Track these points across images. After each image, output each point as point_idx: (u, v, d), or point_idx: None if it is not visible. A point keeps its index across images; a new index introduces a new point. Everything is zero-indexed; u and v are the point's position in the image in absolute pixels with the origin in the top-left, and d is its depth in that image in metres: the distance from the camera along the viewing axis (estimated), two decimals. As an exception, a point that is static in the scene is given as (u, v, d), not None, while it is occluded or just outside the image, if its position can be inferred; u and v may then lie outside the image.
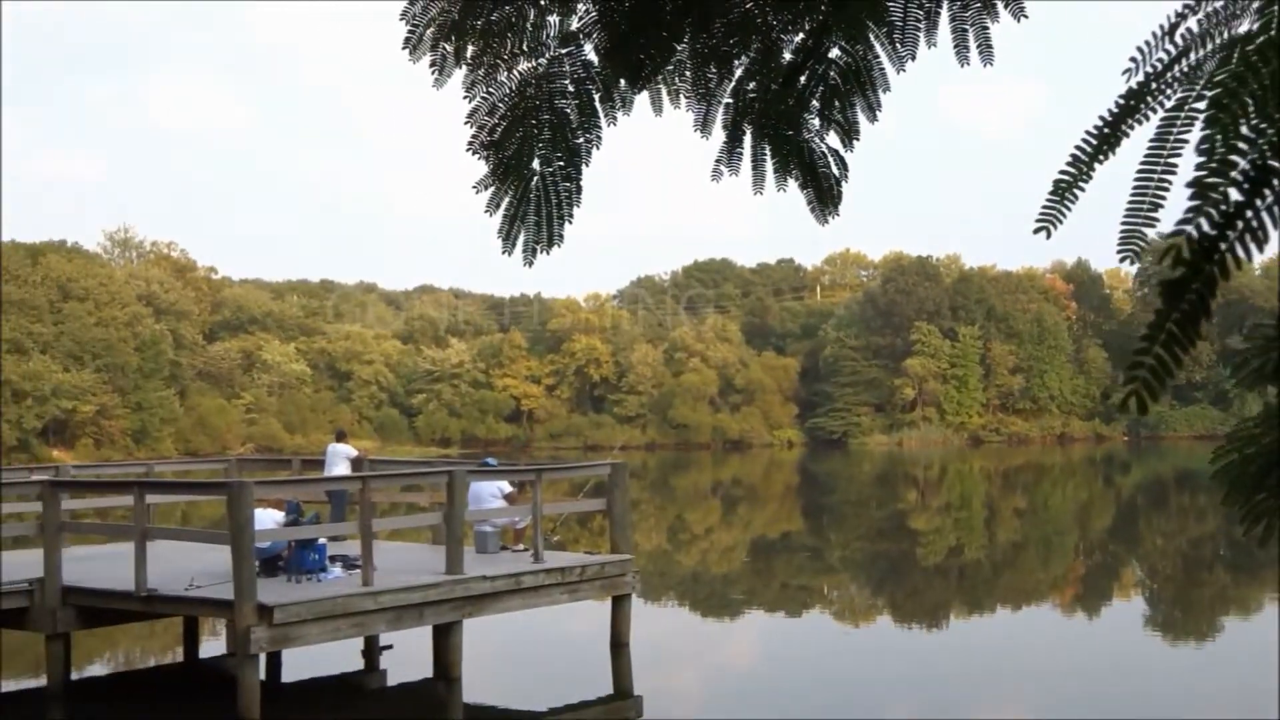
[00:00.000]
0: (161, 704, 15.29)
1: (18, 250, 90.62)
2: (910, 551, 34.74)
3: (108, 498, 19.48)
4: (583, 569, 16.70)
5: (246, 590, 13.14)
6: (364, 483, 15.18)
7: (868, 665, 17.97)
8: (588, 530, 33.39)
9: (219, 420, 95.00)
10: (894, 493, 59.87)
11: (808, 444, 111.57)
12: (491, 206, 5.13)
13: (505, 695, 15.91)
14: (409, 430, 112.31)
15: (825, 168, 5.01)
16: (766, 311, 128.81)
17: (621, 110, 5.13)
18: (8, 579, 14.95)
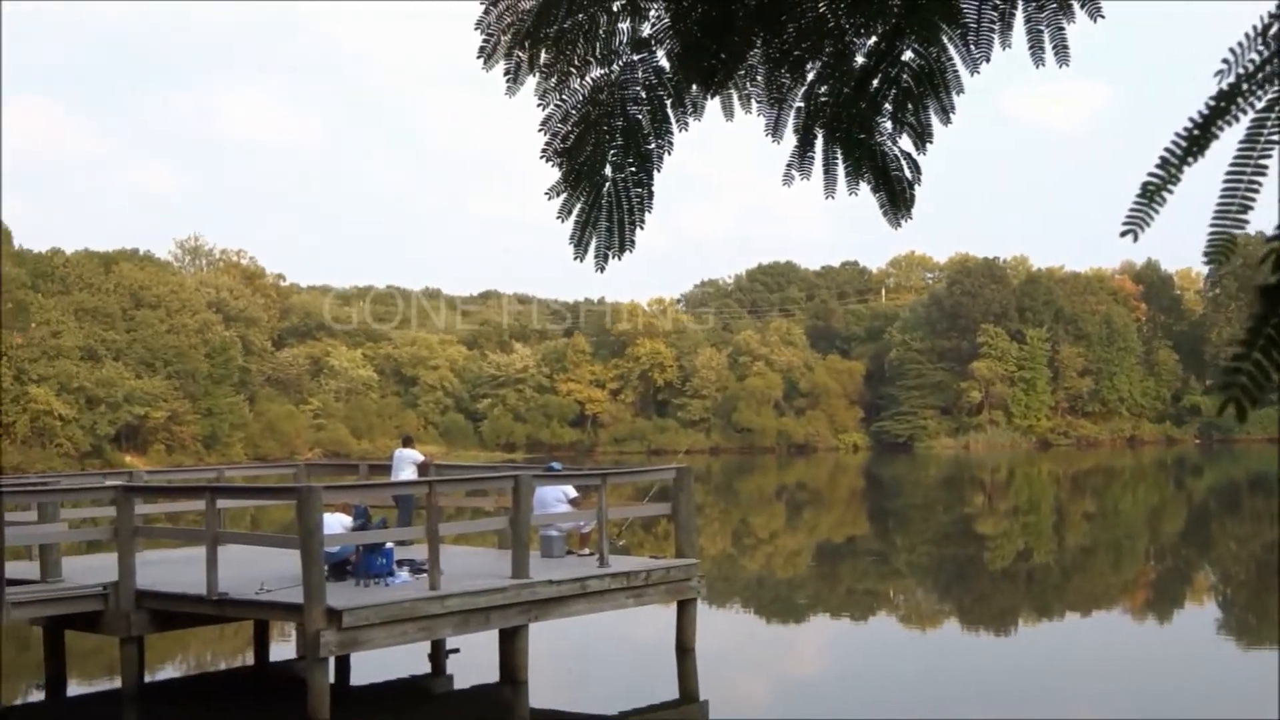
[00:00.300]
0: (232, 706, 15.46)
1: (91, 259, 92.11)
2: (977, 556, 34.42)
3: (179, 503, 19.75)
4: (648, 573, 16.69)
5: (316, 594, 13.25)
6: (430, 487, 15.26)
7: (934, 671, 17.81)
8: (652, 535, 33.37)
9: (287, 426, 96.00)
10: (961, 496, 59.34)
11: (873, 448, 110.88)
12: (563, 213, 5.14)
13: (571, 699, 15.93)
14: (474, 435, 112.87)
15: (898, 171, 4.97)
16: (831, 314, 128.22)
17: (693, 116, 5.12)
18: (83, 583, 15.19)
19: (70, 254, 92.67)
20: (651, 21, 5.04)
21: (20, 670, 19.17)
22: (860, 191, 4.98)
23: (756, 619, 23.88)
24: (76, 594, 14.95)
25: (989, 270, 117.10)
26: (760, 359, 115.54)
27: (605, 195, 5.09)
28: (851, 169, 4.95)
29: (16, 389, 76.75)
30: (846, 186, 4.98)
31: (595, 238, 5.13)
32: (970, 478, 72.93)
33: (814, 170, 5.03)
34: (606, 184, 5.08)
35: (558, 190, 5.12)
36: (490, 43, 5.13)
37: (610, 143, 5.03)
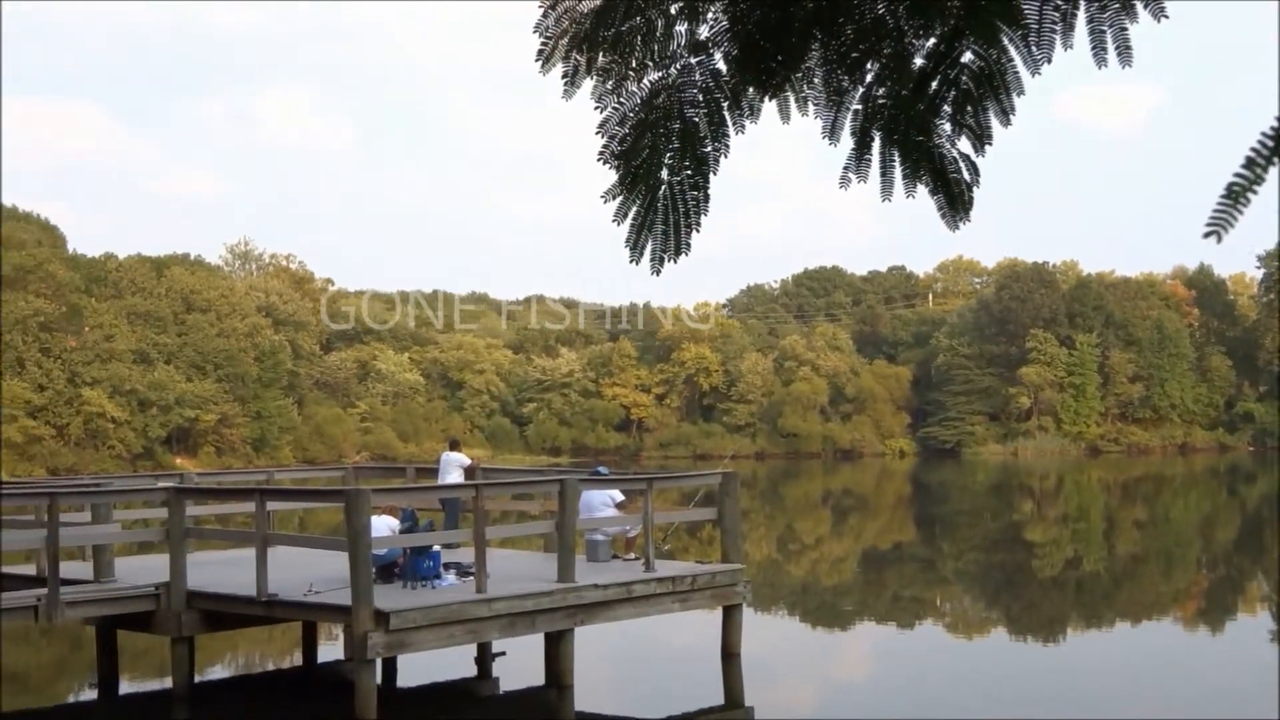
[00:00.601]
0: (281, 707, 15.59)
1: (144, 263, 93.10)
2: (1025, 563, 34.15)
3: (229, 504, 19.95)
4: (694, 578, 16.68)
5: (364, 596, 13.34)
6: (477, 490, 15.32)
7: (981, 679, 17.70)
8: (697, 540, 33.35)
9: (335, 429, 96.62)
10: (1009, 503, 58.93)
11: (920, 453, 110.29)
12: (619, 216, 5.15)
13: (617, 704, 15.95)
14: (520, 439, 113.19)
15: (956, 173, 4.95)
16: (878, 319, 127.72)
17: (749, 119, 5.13)
18: (135, 583, 15.36)
19: (123, 259, 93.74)
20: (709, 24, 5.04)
21: (73, 669, 19.43)
22: (917, 194, 4.96)
23: (802, 625, 23.82)
24: (129, 594, 15.12)
25: (1038, 275, 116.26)
26: (806, 364, 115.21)
27: (661, 198, 5.10)
28: (909, 171, 4.93)
29: (70, 391, 77.69)
30: (904, 189, 4.96)
31: (651, 241, 5.14)
32: (1019, 484, 72.39)
33: (871, 173, 5.02)
34: (662, 187, 5.08)
35: (613, 193, 5.13)
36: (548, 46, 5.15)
37: (667, 145, 5.03)
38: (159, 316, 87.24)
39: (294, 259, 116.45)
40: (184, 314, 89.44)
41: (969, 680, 17.59)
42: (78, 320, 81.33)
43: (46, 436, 75.77)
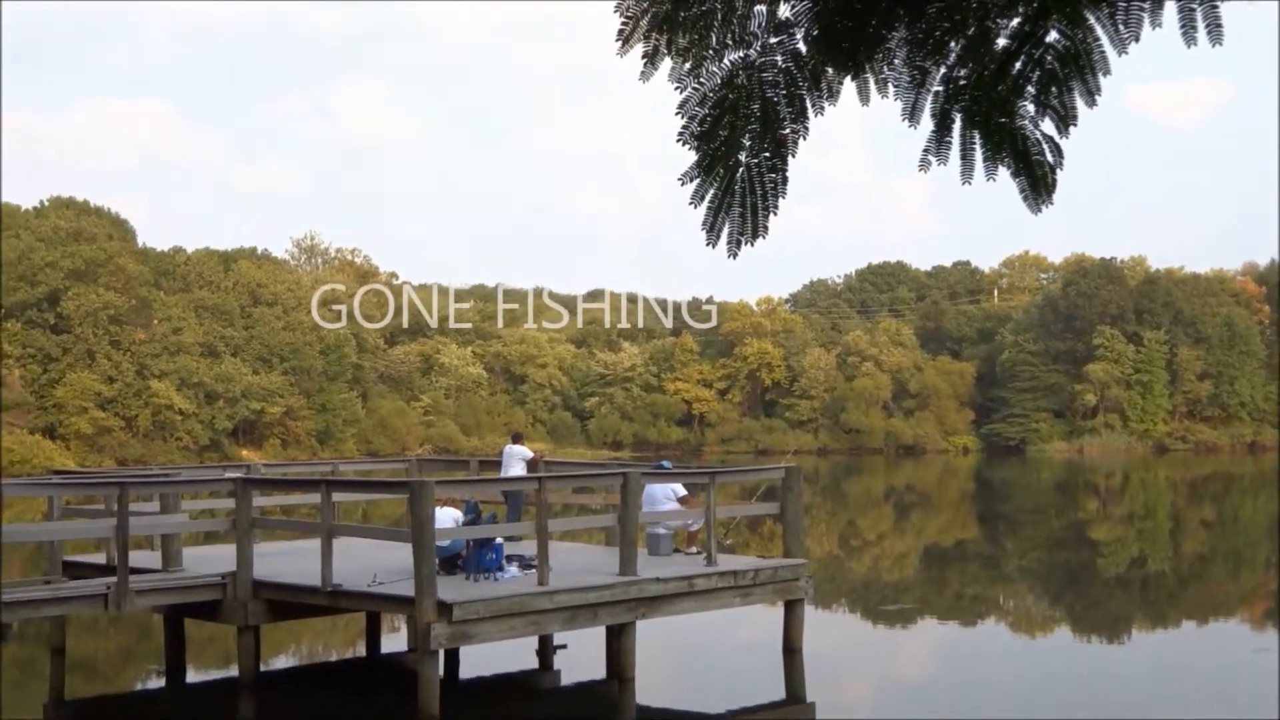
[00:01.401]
0: (345, 697, 15.72)
1: (211, 257, 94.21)
2: (1090, 562, 33.77)
3: (294, 496, 20.15)
4: (755, 573, 16.64)
5: (427, 587, 13.43)
6: (540, 483, 15.37)
7: (1044, 678, 17.52)
8: (758, 535, 33.28)
9: (398, 422, 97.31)
10: (1074, 501, 58.31)
11: (984, 450, 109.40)
12: (696, 199, 5.13)
13: (678, 697, 15.95)
14: (581, 433, 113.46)
15: (1039, 155, 4.88)
16: (942, 315, 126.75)
17: (828, 100, 5.09)
18: (202, 572, 15.56)
19: (191, 252, 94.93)
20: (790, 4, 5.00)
21: (141, 657, 19.71)
22: (999, 177, 4.90)
23: (863, 621, 23.70)
24: (196, 583, 15.30)
25: (1106, 271, 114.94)
26: (869, 359, 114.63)
27: (739, 181, 5.07)
28: (990, 154, 4.87)
29: (139, 383, 78.81)
30: (984, 171, 4.90)
31: (728, 224, 5.12)
32: (1084, 482, 71.61)
33: (951, 155, 4.96)
34: (740, 169, 5.06)
35: (691, 175, 5.11)
36: (628, 26, 5.13)
37: (746, 127, 5.00)
38: (226, 310, 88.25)
39: (359, 253, 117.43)
40: (250, 307, 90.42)
41: (1031, 679, 17.43)
42: (147, 313, 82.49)
43: (116, 428, 76.94)
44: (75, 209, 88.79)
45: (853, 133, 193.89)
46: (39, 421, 74.72)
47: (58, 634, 17.20)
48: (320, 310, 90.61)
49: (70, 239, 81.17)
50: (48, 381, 77.08)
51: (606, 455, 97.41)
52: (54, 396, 75.92)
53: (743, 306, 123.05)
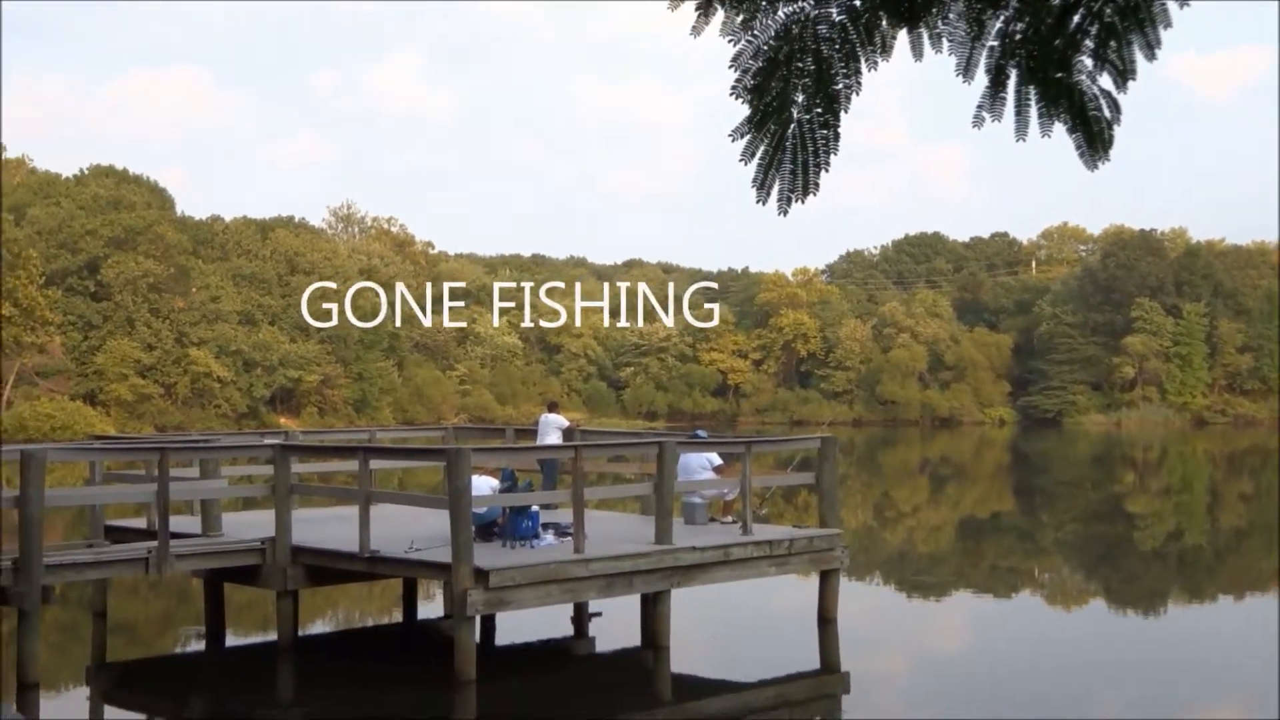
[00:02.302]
0: (382, 662, 15.86)
1: (249, 226, 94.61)
2: (1127, 535, 33.63)
3: (331, 463, 20.28)
4: (791, 542, 16.65)
5: (464, 554, 13.50)
6: (576, 452, 15.41)
7: (1079, 651, 17.47)
8: (792, 506, 33.28)
9: (434, 391, 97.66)
10: (1110, 474, 58.01)
11: (1020, 422, 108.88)
12: (746, 155, 5.10)
13: (712, 666, 16.02)
14: (616, 403, 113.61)
15: (1096, 111, 4.81)
16: (979, 286, 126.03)
17: (882, 56, 5.04)
18: (241, 538, 15.71)
19: (229, 221, 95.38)
20: None
21: (181, 621, 19.93)
22: (1054, 133, 4.84)
23: (897, 593, 23.69)
24: (236, 548, 15.45)
25: (1145, 242, 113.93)
26: (905, 331, 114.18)
27: (790, 137, 5.03)
28: (1045, 109, 4.81)
29: (178, 351, 79.38)
30: (1039, 128, 4.84)
31: (778, 181, 5.08)
32: (1121, 455, 71.21)
33: (1005, 112, 4.91)
34: (792, 125, 5.02)
35: (741, 132, 5.08)
36: None
37: (798, 82, 4.96)
38: (264, 278, 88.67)
39: (395, 222, 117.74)
40: (288, 276, 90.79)
41: (1066, 652, 17.39)
42: (185, 281, 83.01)
43: (155, 395, 77.56)
44: (115, 177, 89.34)
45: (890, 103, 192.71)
46: (80, 388, 75.43)
47: (99, 597, 17.42)
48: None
49: (110, 207, 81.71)
50: (88, 348, 77.75)
51: (642, 425, 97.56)
52: (94, 363, 76.59)
53: (778, 277, 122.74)
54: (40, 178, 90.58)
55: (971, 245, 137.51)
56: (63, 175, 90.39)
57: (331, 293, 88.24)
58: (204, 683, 15.75)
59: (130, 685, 15.48)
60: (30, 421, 64.74)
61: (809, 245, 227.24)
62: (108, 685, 15.35)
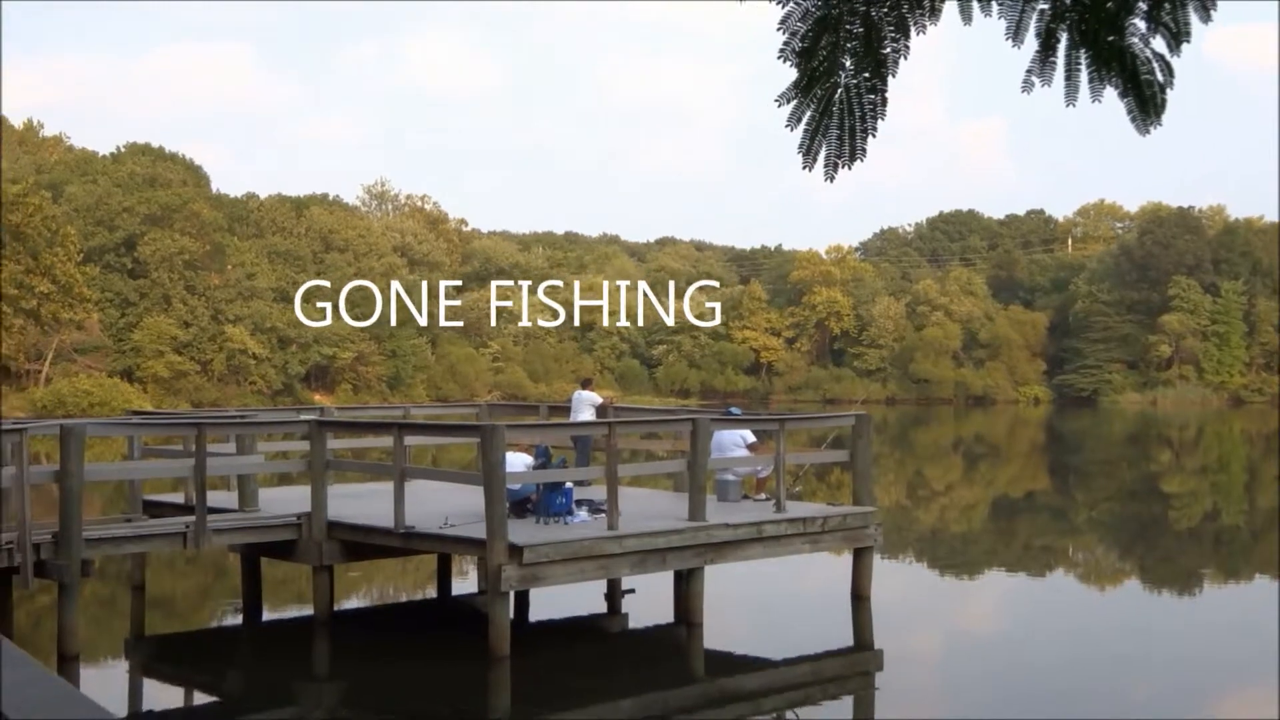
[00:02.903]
0: (418, 636, 15.95)
1: (284, 203, 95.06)
2: (1162, 515, 33.43)
3: (365, 439, 20.36)
4: (825, 520, 16.62)
5: (498, 529, 13.55)
6: (610, 429, 15.43)
7: (1113, 631, 17.41)
8: (825, 484, 33.24)
9: (468, 368, 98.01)
10: (1146, 453, 57.67)
11: (1055, 401, 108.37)
12: (792, 120, 5.07)
13: (745, 642, 16.03)
14: (649, 380, 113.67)
15: (1149, 74, 4.75)
16: (1014, 264, 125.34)
17: (930, 19, 4.99)
18: (276, 513, 15.81)
19: (264, 198, 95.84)
20: None
21: (218, 595, 20.11)
22: (1104, 97, 4.78)
23: (930, 571, 23.64)
24: (272, 523, 15.55)
25: (1183, 220, 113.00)
26: (939, 309, 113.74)
27: (837, 101, 4.99)
28: (1096, 73, 4.74)
29: (214, 328, 79.92)
30: (1090, 92, 4.78)
31: (825, 146, 5.05)
32: (1157, 434, 70.76)
33: (1055, 76, 4.85)
34: (839, 90, 4.98)
35: (788, 97, 5.04)
36: None
37: (846, 46, 4.92)
38: (298, 255, 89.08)
39: (429, 199, 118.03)
40: (322, 253, 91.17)
41: (1099, 631, 17.32)
42: (221, 259, 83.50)
43: (191, 371, 78.14)
44: (151, 155, 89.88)
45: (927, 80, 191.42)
46: (117, 365, 76.07)
47: (138, 571, 17.59)
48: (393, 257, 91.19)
49: (146, 184, 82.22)
50: (125, 325, 78.38)
51: (674, 403, 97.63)
52: (131, 340, 77.22)
53: (812, 255, 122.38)
54: (78, 155, 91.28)
55: (1007, 222, 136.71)
56: (100, 153, 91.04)
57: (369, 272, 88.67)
58: (241, 656, 15.89)
59: (168, 658, 15.63)
60: (68, 397, 65.37)
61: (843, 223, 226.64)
62: (146, 658, 15.51)
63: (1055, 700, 13.29)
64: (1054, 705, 13.09)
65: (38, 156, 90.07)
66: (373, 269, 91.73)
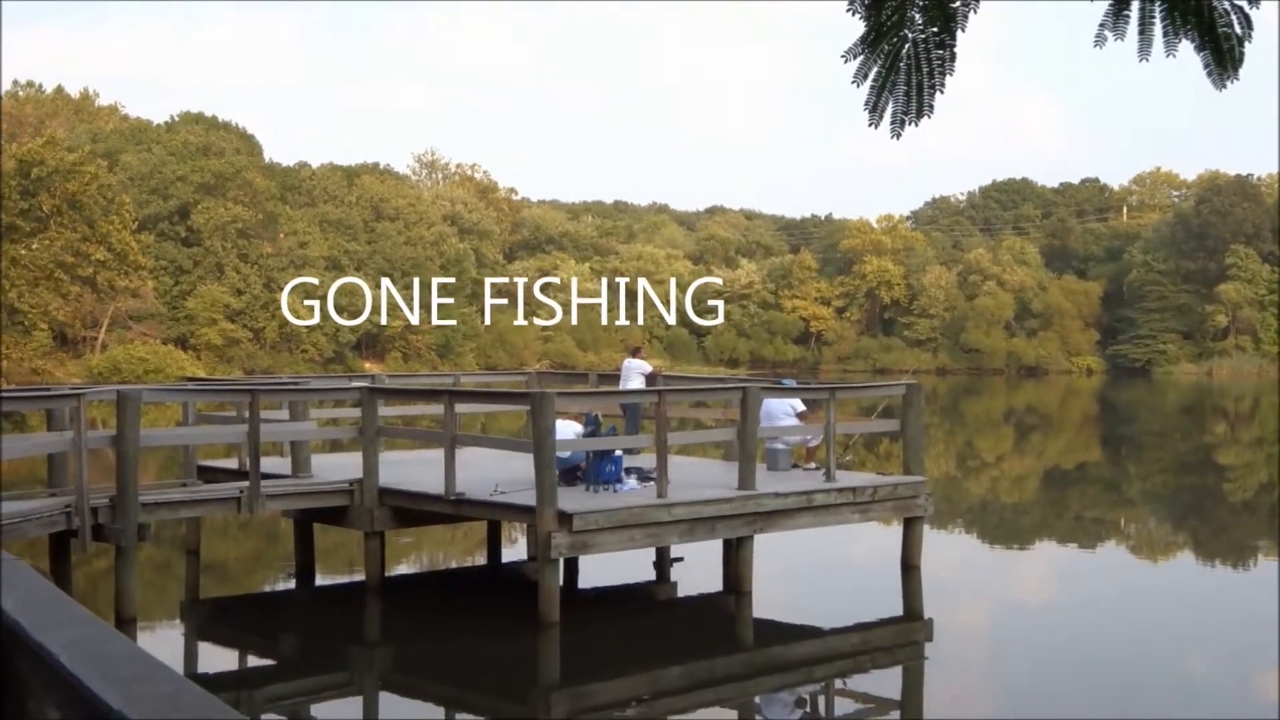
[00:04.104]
0: (469, 602, 16.06)
1: (335, 172, 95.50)
2: (1216, 487, 33.10)
3: (415, 406, 20.45)
4: (875, 489, 16.56)
5: (548, 497, 13.60)
6: (660, 397, 15.43)
7: (1165, 604, 17.28)
8: (874, 455, 33.12)
9: (516, 337, 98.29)
10: (1201, 424, 57.06)
11: (1108, 372, 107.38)
12: (859, 76, 5.02)
13: (795, 611, 16.03)
14: (698, 350, 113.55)
15: (1226, 26, 4.66)
16: (1068, 233, 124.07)
17: None
18: (329, 479, 15.95)
19: (316, 167, 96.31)
20: None
21: (271, 560, 20.34)
22: (1179, 52, 4.69)
23: (980, 542, 23.54)
24: (325, 489, 15.68)
25: (1241, 188, 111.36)
26: (991, 278, 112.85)
27: (904, 57, 4.93)
28: (1171, 26, 4.65)
29: (266, 296, 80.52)
30: (1164, 47, 4.70)
31: (892, 102, 4.99)
32: (1212, 405, 69.98)
33: (1129, 31, 4.76)
34: (906, 45, 4.92)
35: (855, 52, 4.98)
36: None
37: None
38: (349, 224, 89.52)
39: (479, 169, 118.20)
40: (373, 222, 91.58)
41: (1151, 604, 17.21)
42: (273, 227, 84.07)
43: (244, 339, 78.84)
44: (204, 124, 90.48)
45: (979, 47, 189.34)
46: (171, 332, 76.86)
47: (192, 536, 17.80)
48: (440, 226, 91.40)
49: (200, 153, 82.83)
50: (179, 293, 79.13)
51: (723, 372, 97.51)
52: (185, 308, 77.96)
53: (862, 224, 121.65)
54: (132, 124, 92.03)
55: (1061, 191, 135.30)
56: (154, 122, 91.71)
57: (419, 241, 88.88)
58: (293, 620, 16.06)
59: (222, 621, 15.83)
60: (124, 364, 66.17)
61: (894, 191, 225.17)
62: (201, 621, 15.71)
63: (1105, 672, 13.21)
64: (1104, 677, 13.01)
65: (93, 125, 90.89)
66: (423, 238, 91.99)
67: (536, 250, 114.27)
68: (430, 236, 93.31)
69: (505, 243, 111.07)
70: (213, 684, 12.15)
